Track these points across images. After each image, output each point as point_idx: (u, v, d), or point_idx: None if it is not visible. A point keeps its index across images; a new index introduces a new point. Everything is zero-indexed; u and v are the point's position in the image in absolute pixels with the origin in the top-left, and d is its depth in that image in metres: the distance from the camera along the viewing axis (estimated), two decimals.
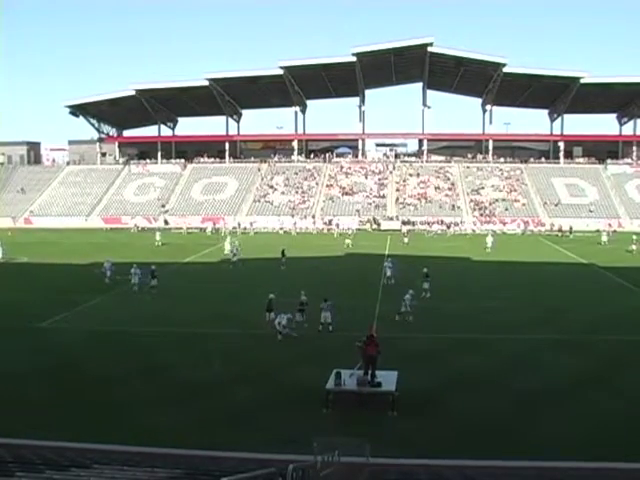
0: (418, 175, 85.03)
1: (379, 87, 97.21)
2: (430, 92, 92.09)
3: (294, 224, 72.86)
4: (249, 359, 22.33)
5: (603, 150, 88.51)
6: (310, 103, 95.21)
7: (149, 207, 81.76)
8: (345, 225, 71.24)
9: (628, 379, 20.17)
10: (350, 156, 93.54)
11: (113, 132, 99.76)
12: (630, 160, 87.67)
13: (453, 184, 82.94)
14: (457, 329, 26.61)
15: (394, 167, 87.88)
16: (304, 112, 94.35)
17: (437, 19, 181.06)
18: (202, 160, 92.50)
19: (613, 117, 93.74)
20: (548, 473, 13.64)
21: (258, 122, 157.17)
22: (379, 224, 73.53)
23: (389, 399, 17.33)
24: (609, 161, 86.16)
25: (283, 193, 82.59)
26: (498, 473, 13.64)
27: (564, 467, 13.88)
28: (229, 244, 49.47)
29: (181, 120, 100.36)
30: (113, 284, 36.05)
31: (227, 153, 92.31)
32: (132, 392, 18.85)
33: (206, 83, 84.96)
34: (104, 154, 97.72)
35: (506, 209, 77.02)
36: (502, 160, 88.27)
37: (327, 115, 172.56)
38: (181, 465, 12.09)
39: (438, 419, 17.07)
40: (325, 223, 74.27)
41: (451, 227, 70.93)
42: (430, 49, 78.67)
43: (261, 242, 59.21)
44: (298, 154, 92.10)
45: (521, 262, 46.92)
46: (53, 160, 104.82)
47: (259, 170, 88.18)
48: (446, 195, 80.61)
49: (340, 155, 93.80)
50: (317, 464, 11.20)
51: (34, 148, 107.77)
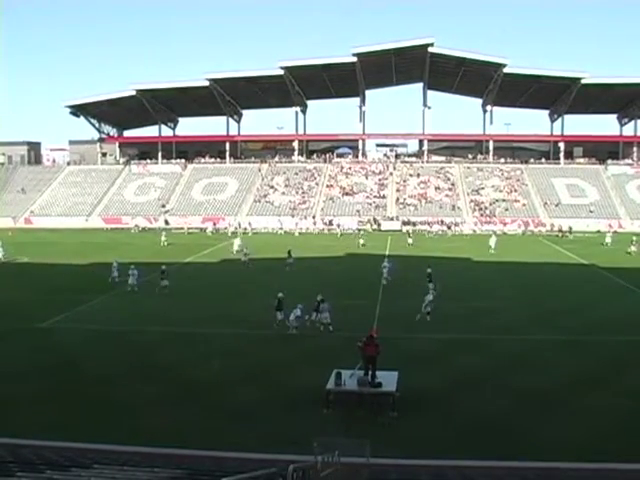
0: (418, 175, 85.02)
1: (379, 87, 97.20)
2: (430, 92, 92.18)
3: (296, 224, 72.89)
4: (250, 359, 22.31)
5: (603, 151, 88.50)
6: (310, 103, 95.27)
7: (149, 207, 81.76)
8: (346, 225, 71.26)
9: (628, 379, 20.14)
10: (350, 156, 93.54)
11: (114, 132, 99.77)
12: (631, 161, 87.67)
13: (453, 184, 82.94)
14: (458, 329, 26.60)
15: (394, 167, 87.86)
16: (304, 112, 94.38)
17: (438, 19, 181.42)
18: (202, 160, 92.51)
19: (614, 118, 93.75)
20: (548, 473, 13.63)
21: (258, 122, 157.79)
22: (379, 224, 73.53)
23: (389, 399, 17.31)
24: (609, 162, 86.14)
25: (283, 193, 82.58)
26: (498, 473, 13.63)
27: (564, 467, 13.86)
28: (238, 244, 50.44)
29: (181, 120, 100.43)
30: (117, 284, 35.93)
31: (227, 153, 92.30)
32: (132, 392, 18.84)
33: (206, 83, 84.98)
34: (104, 154, 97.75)
35: (506, 209, 77.01)
36: (502, 160, 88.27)
37: (327, 115, 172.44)
38: (181, 465, 12.09)
39: (438, 419, 17.06)
40: (325, 223, 74.30)
41: (451, 227, 70.97)
42: (431, 49, 78.67)
43: (263, 242, 59.08)
44: (298, 154, 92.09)
45: (522, 262, 46.90)
46: (53, 160, 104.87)
47: (259, 170, 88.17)
48: (446, 195, 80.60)
49: (340, 155, 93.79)
50: (317, 464, 11.17)
51: (34, 148, 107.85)
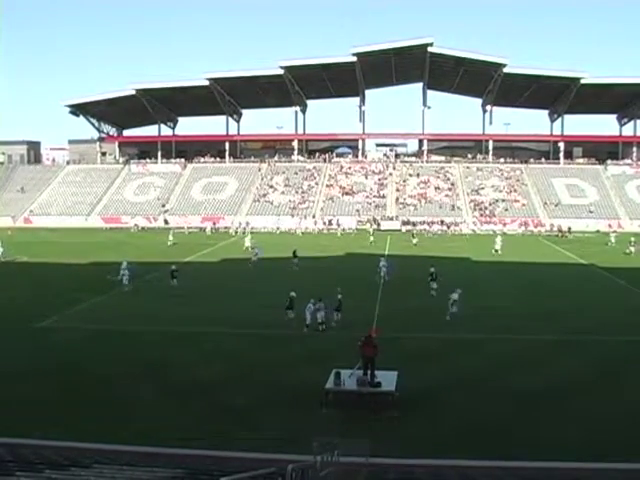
0: (418, 175, 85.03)
1: (379, 87, 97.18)
2: (430, 92, 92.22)
3: (299, 223, 72.77)
4: (249, 359, 22.31)
5: (603, 151, 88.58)
6: (310, 103, 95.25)
7: (149, 207, 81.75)
8: (346, 225, 71.27)
9: (628, 379, 20.17)
10: (350, 156, 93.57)
11: (113, 132, 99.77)
12: (630, 161, 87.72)
13: (453, 184, 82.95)
14: (457, 329, 26.60)
15: (394, 167, 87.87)
16: (304, 112, 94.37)
17: (437, 19, 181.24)
18: (202, 160, 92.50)
19: (613, 118, 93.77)
20: (547, 473, 13.64)
21: (258, 122, 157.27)
22: (379, 224, 73.55)
23: (389, 399, 17.33)
24: (609, 162, 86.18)
25: (283, 193, 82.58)
26: (497, 473, 13.63)
27: (564, 467, 13.87)
28: (249, 241, 52.50)
29: (181, 120, 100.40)
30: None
31: (227, 153, 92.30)
32: (132, 391, 18.83)
33: (206, 83, 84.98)
34: (104, 154, 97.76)
35: (506, 209, 77.04)
36: (502, 160, 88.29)
37: (327, 115, 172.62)
38: (181, 465, 12.10)
39: (438, 419, 17.07)
40: (325, 223, 74.30)
41: (450, 227, 71.01)
42: (430, 49, 78.68)
43: (262, 242, 58.92)
44: (298, 154, 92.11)
45: (521, 262, 46.91)
46: (53, 159, 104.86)
47: (259, 170, 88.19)
48: (446, 195, 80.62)
49: (340, 155, 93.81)
50: (316, 464, 11.18)
51: (34, 147, 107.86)
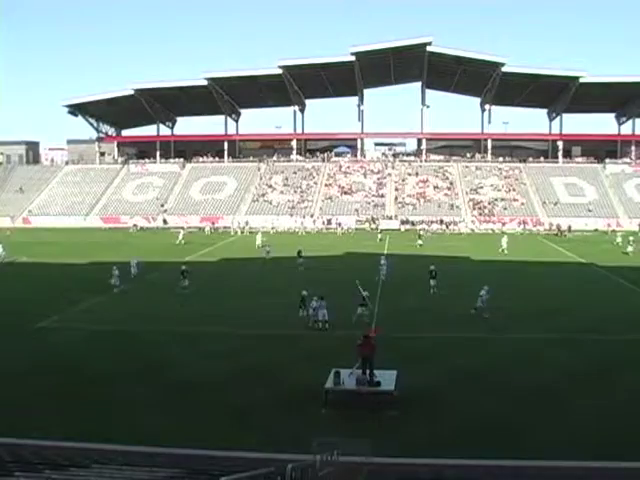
0: (417, 174, 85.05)
1: (378, 86, 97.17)
2: (429, 91, 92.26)
3: (302, 224, 72.94)
4: (248, 358, 22.29)
5: (602, 149, 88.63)
6: (309, 102, 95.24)
7: (148, 206, 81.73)
8: (345, 224, 71.31)
9: (628, 377, 20.19)
10: (349, 155, 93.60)
11: (112, 132, 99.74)
12: (629, 159, 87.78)
13: (452, 183, 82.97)
14: (456, 328, 26.65)
15: (393, 166, 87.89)
16: (303, 111, 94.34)
17: (436, 19, 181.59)
18: (201, 159, 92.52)
19: (612, 116, 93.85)
20: (548, 472, 13.66)
21: (257, 121, 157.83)
22: (378, 223, 73.52)
23: (388, 398, 17.34)
24: (608, 160, 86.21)
25: (282, 192, 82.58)
26: (497, 472, 13.66)
27: (564, 466, 13.90)
28: (260, 239, 54.23)
29: (180, 119, 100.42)
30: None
31: (226, 152, 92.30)
32: (131, 391, 18.83)
33: (205, 82, 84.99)
34: (103, 153, 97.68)
35: (505, 208, 77.07)
36: (501, 159, 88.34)
37: (326, 115, 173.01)
38: (180, 465, 12.10)
39: (438, 418, 17.07)
40: (324, 222, 74.30)
41: (449, 226, 71.06)
42: (429, 48, 78.73)
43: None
44: (297, 153, 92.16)
45: (521, 261, 46.90)
46: (52, 160, 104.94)
47: (258, 169, 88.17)
48: (445, 194, 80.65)
49: (339, 154, 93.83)
50: (316, 464, 11.19)
51: (33, 148, 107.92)
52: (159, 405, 17.89)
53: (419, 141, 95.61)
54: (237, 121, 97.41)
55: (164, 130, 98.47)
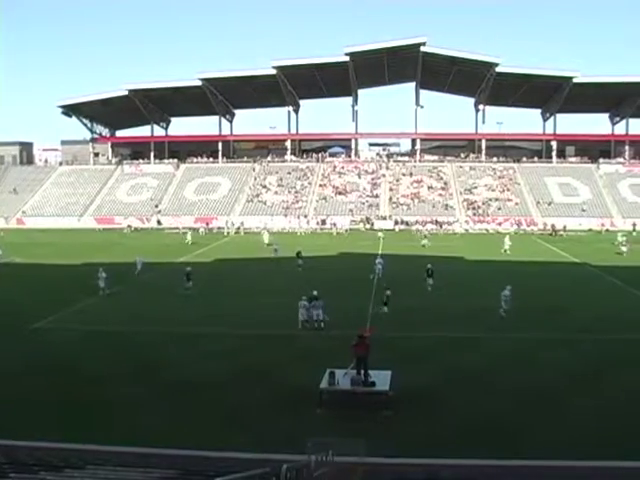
0: (411, 174, 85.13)
1: (372, 87, 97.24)
2: (423, 92, 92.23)
3: (298, 224, 72.80)
4: (243, 359, 22.26)
5: (595, 149, 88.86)
6: (303, 103, 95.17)
7: (142, 207, 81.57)
8: (339, 224, 71.31)
9: (624, 377, 20.21)
10: (343, 156, 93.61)
11: (106, 132, 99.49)
12: (622, 159, 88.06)
13: (446, 183, 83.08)
14: (452, 328, 26.65)
15: (387, 167, 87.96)
16: (297, 112, 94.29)
17: (430, 19, 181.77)
18: (195, 160, 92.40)
19: (605, 116, 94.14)
20: (546, 472, 13.65)
21: (251, 122, 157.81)
22: (372, 223, 73.65)
23: (383, 398, 17.34)
24: (601, 160, 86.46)
25: (276, 193, 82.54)
26: (493, 472, 13.66)
27: (562, 466, 13.90)
28: (268, 238, 55.44)
29: (174, 120, 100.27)
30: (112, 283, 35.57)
31: (220, 153, 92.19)
32: (126, 392, 18.78)
33: (199, 83, 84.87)
34: (97, 154, 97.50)
35: (499, 208, 77.20)
36: (495, 159, 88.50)
37: (320, 115, 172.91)
38: (175, 465, 12.08)
39: (434, 418, 17.07)
40: (318, 223, 74.29)
41: (443, 226, 71.18)
42: (423, 49, 78.83)
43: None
44: (291, 154, 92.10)
45: (515, 261, 46.91)
46: (46, 160, 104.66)
47: (252, 170, 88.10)
48: (439, 195, 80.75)
49: (333, 155, 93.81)
50: (311, 464, 11.19)
51: (27, 148, 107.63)
52: (153, 405, 17.84)
53: (413, 141, 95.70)
54: (231, 121, 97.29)
55: (158, 131, 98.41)
